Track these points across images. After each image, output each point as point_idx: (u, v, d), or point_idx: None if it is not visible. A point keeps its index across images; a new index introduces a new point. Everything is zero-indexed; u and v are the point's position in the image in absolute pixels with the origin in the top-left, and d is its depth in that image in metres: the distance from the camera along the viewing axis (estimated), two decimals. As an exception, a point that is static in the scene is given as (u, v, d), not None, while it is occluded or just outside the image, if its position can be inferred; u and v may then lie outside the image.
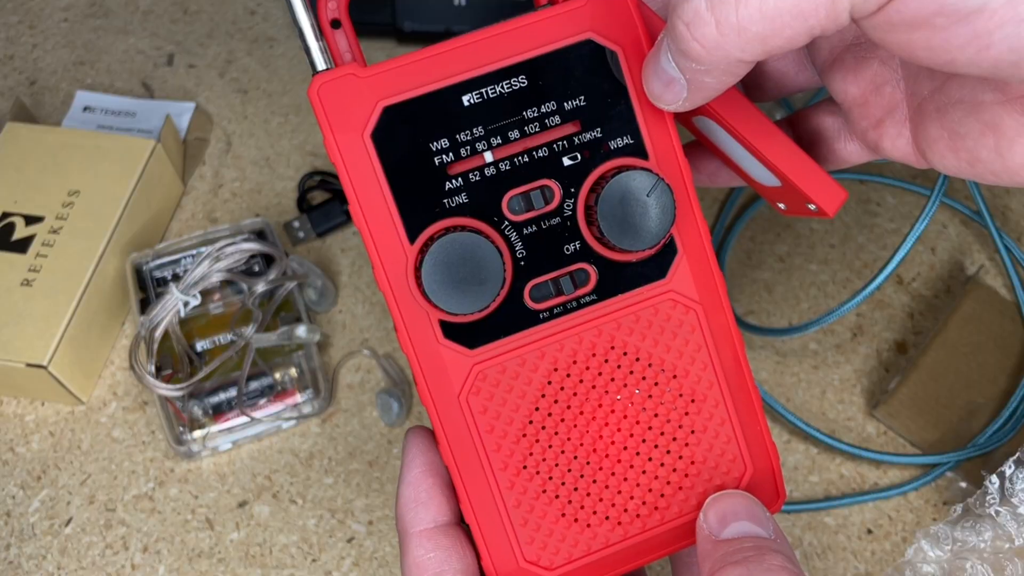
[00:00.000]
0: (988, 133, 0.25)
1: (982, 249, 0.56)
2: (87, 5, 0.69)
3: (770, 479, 0.30)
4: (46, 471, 0.50)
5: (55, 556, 0.48)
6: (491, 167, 0.28)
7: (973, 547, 0.44)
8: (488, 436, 0.28)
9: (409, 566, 0.28)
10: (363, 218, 0.27)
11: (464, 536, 0.29)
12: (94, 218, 0.52)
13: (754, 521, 0.27)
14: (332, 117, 0.27)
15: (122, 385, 0.53)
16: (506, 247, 0.28)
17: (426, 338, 0.28)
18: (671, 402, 0.29)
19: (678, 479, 0.29)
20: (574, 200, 0.28)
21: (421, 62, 0.27)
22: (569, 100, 0.28)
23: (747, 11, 0.22)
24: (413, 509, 0.29)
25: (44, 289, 0.50)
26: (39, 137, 0.56)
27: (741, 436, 0.29)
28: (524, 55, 0.27)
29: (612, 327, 0.29)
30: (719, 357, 0.29)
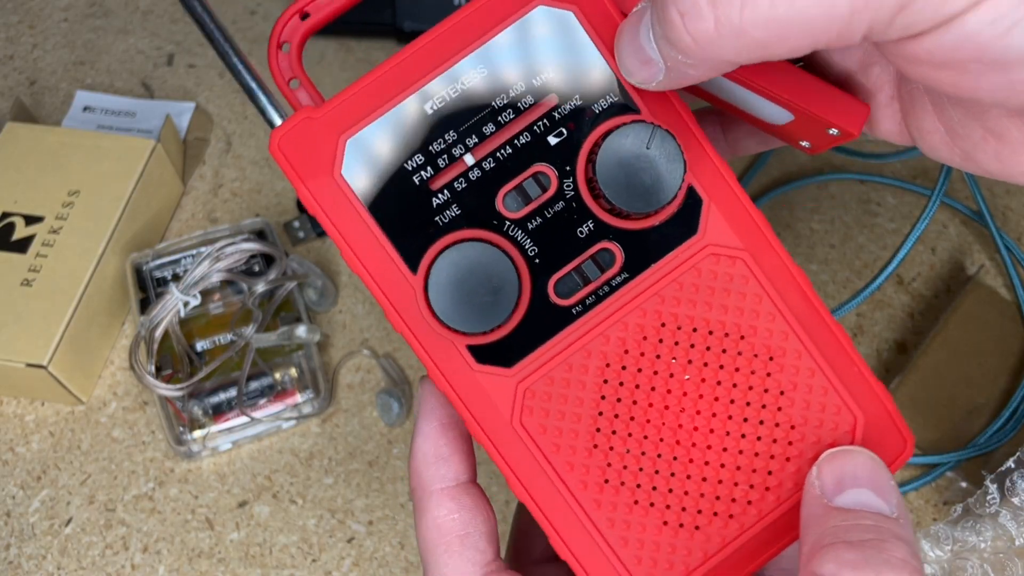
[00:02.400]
0: (990, 139, 0.24)
1: (982, 249, 0.56)
2: (87, 5, 0.69)
3: (888, 423, 0.26)
4: (46, 471, 0.50)
5: (55, 556, 0.48)
6: (474, 170, 0.26)
7: (973, 547, 0.44)
8: (556, 457, 0.25)
9: (428, 528, 0.26)
10: (358, 262, 0.25)
11: (485, 496, 0.27)
12: (94, 218, 0.52)
13: (878, 492, 0.23)
14: (299, 167, 0.25)
15: (122, 385, 0.53)
16: (514, 248, 0.26)
17: (460, 370, 0.25)
18: (747, 366, 0.26)
19: (782, 450, 0.26)
20: (572, 178, 0.26)
21: (374, 83, 0.26)
22: (537, 76, 0.26)
23: (753, 14, 0.20)
24: (433, 465, 0.26)
25: (44, 289, 0.50)
26: (39, 137, 0.56)
27: (838, 382, 0.26)
28: (476, 44, 0.26)
29: (656, 303, 0.26)
30: (784, 301, 0.26)
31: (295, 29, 0.27)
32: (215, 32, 0.26)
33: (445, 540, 0.26)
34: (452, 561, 0.25)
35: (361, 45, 0.66)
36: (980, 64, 0.19)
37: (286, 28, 0.27)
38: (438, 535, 0.26)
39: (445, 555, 0.25)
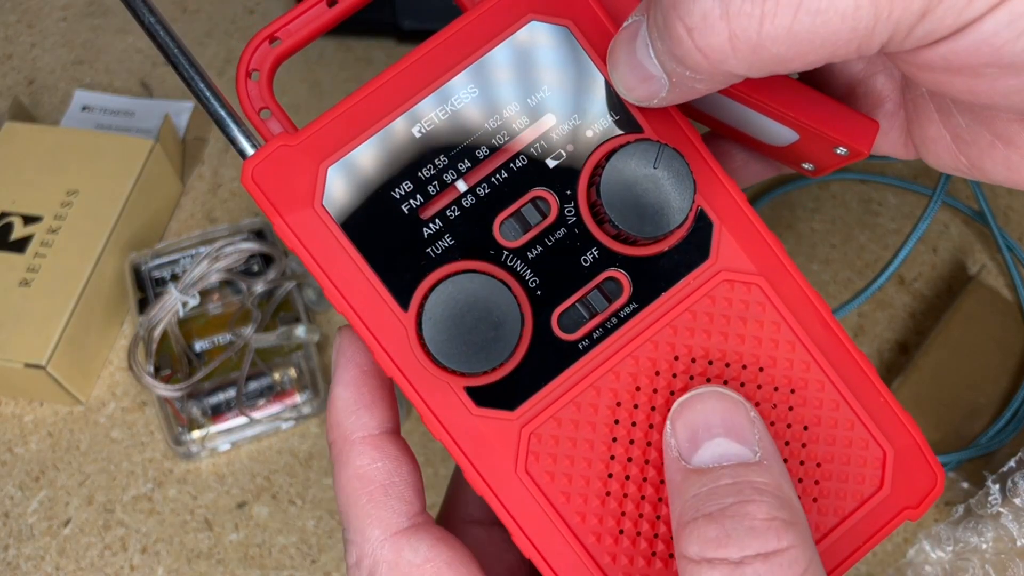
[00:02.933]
0: (998, 145, 0.23)
1: (984, 249, 0.56)
2: (85, 4, 0.69)
3: (918, 456, 0.25)
4: (44, 472, 0.50)
5: (53, 557, 0.47)
6: (468, 196, 0.24)
7: (975, 548, 0.44)
8: (566, 507, 0.23)
9: (348, 479, 0.24)
10: (343, 300, 0.23)
11: (408, 447, 0.25)
12: (93, 218, 0.52)
13: (735, 436, 0.22)
14: (275, 198, 0.23)
15: (121, 385, 0.53)
16: (514, 279, 0.24)
17: (457, 415, 0.24)
18: (768, 400, 0.24)
19: (809, 490, 0.24)
20: (574, 203, 0.24)
21: (356, 106, 0.24)
22: (532, 95, 0.24)
23: (773, 29, 0.18)
24: (354, 413, 0.24)
25: (42, 289, 0.50)
26: (37, 136, 0.56)
27: (864, 415, 0.24)
28: (466, 63, 0.24)
29: (668, 335, 0.24)
30: (804, 329, 0.24)
31: (265, 56, 0.25)
32: (179, 57, 0.25)
33: (368, 490, 0.24)
34: (376, 512, 0.24)
35: (360, 43, 0.66)
36: (996, 68, 0.18)
37: (255, 55, 0.25)
38: (360, 485, 0.24)
39: (368, 505, 0.24)
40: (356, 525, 0.24)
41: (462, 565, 0.23)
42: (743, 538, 0.20)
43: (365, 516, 0.24)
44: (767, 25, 0.18)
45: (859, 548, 0.24)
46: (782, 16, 0.18)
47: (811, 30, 0.18)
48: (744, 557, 0.20)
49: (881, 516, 0.24)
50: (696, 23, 0.19)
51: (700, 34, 0.19)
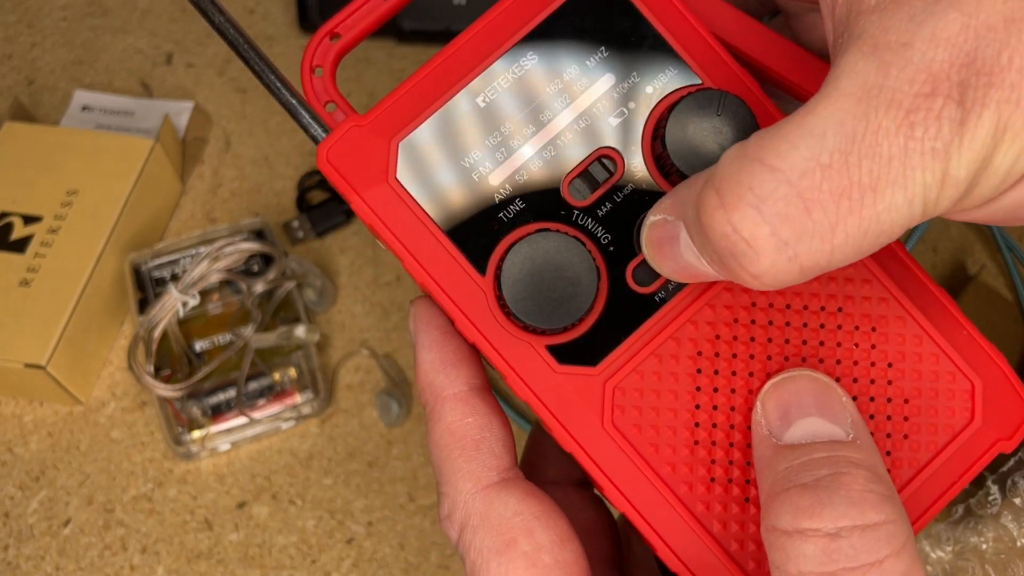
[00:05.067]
0: None
1: (984, 249, 0.56)
2: (85, 4, 0.69)
3: (1006, 386, 0.24)
4: (44, 472, 0.50)
5: (53, 557, 0.47)
6: (535, 159, 0.25)
7: (975, 548, 0.44)
8: (656, 458, 0.24)
9: (441, 434, 0.24)
10: (423, 270, 0.24)
11: (498, 403, 0.26)
12: (93, 218, 0.52)
13: (828, 416, 0.22)
14: (351, 178, 0.24)
15: (121, 385, 0.53)
16: (587, 237, 0.24)
17: (542, 374, 0.24)
18: (849, 339, 0.24)
19: (899, 426, 0.24)
20: (640, 157, 0.25)
21: (419, 83, 0.25)
22: (590, 57, 0.25)
23: (838, 258, 0.19)
24: (442, 371, 0.25)
25: (42, 289, 0.50)
26: (37, 136, 0.56)
27: (949, 347, 0.24)
28: (522, 31, 0.25)
29: None
30: (880, 266, 0.24)
31: (327, 51, 0.26)
32: (249, 52, 0.25)
33: (460, 444, 0.24)
34: (468, 465, 0.24)
35: (360, 44, 0.66)
36: None
37: (317, 51, 0.26)
38: (452, 440, 0.24)
39: (460, 459, 0.24)
40: (449, 478, 0.24)
41: (550, 518, 0.24)
42: (839, 507, 0.19)
43: (457, 470, 0.24)
44: (836, 254, 0.19)
45: (955, 482, 0.24)
46: (852, 241, 0.18)
47: (874, 243, 0.19)
48: (840, 528, 0.19)
49: (975, 448, 0.24)
50: (764, 271, 0.19)
51: (771, 277, 0.19)
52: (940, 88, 0.18)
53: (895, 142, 0.18)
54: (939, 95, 0.18)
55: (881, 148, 0.18)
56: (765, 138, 0.19)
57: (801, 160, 0.18)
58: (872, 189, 0.18)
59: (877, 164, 0.18)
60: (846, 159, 0.18)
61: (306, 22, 0.64)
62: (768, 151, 0.18)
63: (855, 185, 0.18)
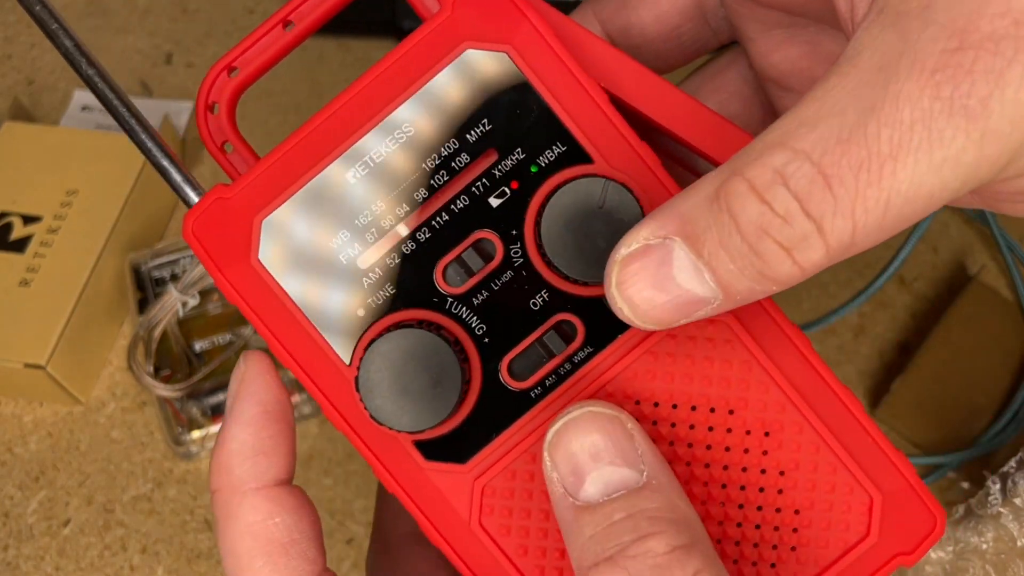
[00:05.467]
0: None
1: (984, 249, 0.56)
2: (85, 4, 0.69)
3: (912, 500, 0.23)
4: (44, 472, 0.50)
5: (53, 557, 0.47)
6: (408, 242, 0.23)
7: (975, 548, 0.44)
8: (524, 560, 0.23)
9: (240, 536, 0.21)
10: (288, 356, 0.23)
11: (307, 497, 0.23)
12: (92, 218, 0.52)
13: (619, 459, 0.20)
14: (214, 253, 0.23)
15: (120, 386, 0.53)
16: (459, 327, 0.23)
17: (408, 469, 0.23)
18: (739, 445, 0.23)
19: (786, 538, 0.23)
20: (520, 243, 0.23)
21: (288, 153, 0.23)
22: (471, 129, 0.23)
23: (864, 231, 0.18)
24: (251, 458, 0.22)
25: (42, 289, 0.50)
26: (37, 136, 0.56)
27: (848, 457, 0.23)
28: (400, 100, 0.23)
29: (628, 378, 0.23)
30: (778, 367, 0.23)
31: (223, 87, 0.24)
32: (118, 106, 0.24)
33: (265, 550, 0.21)
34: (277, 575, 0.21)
35: (360, 44, 0.66)
36: None
37: (213, 87, 0.24)
38: (255, 544, 0.21)
39: (266, 568, 0.21)
40: None
41: None
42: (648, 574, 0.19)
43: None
44: (859, 231, 0.18)
45: None
46: (873, 216, 0.17)
47: (899, 217, 0.18)
48: None
49: (869, 564, 0.23)
50: (797, 244, 0.18)
51: (801, 253, 0.18)
52: (969, 40, 0.16)
53: (918, 105, 0.17)
54: (969, 48, 0.16)
55: (902, 114, 0.17)
56: (784, 123, 0.18)
57: (821, 140, 0.17)
58: (892, 158, 0.17)
59: (898, 131, 0.17)
60: (864, 131, 0.17)
61: (306, 22, 0.64)
62: (789, 135, 0.18)
63: (874, 156, 0.17)
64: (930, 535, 0.23)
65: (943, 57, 0.17)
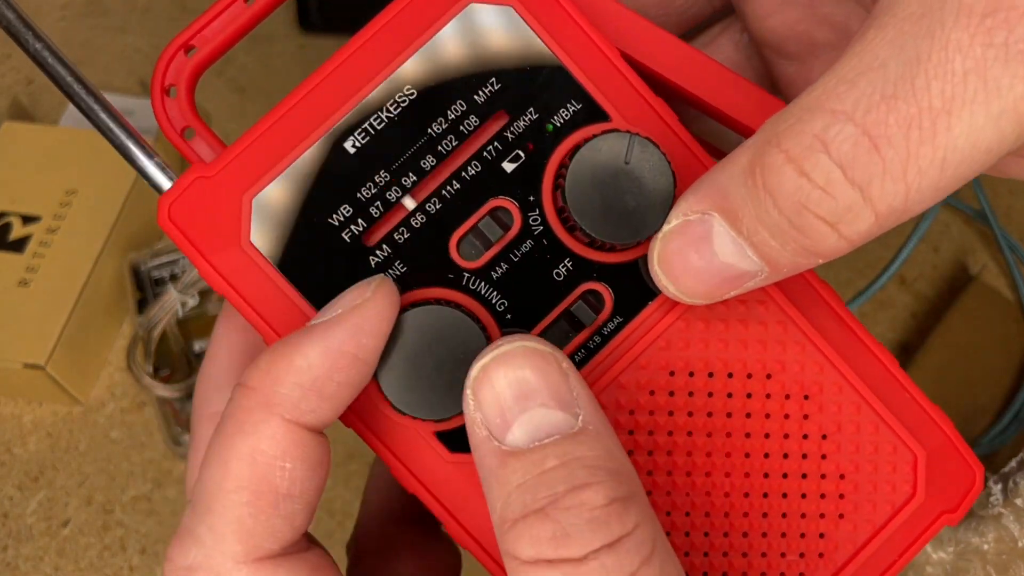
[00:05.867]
0: None
1: (985, 249, 0.56)
2: (85, 3, 0.69)
3: (952, 453, 0.22)
4: (43, 472, 0.50)
5: (52, 557, 0.47)
6: (417, 215, 0.21)
7: (976, 548, 0.44)
8: None
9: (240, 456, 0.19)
10: None
11: (329, 456, 0.21)
12: (92, 218, 0.52)
13: (552, 400, 0.18)
14: (198, 240, 0.20)
15: (120, 386, 0.53)
16: (479, 305, 0.21)
17: (431, 464, 0.21)
18: (779, 410, 0.22)
19: (833, 506, 0.22)
20: (539, 209, 0.21)
21: (279, 122, 0.21)
22: (479, 90, 0.21)
23: (919, 194, 0.16)
24: (309, 390, 0.19)
25: (41, 289, 0.50)
26: (36, 136, 0.56)
27: (889, 415, 0.22)
28: (400, 60, 0.21)
29: (660, 349, 0.21)
30: (814, 326, 0.22)
31: (181, 68, 0.22)
32: (75, 87, 0.21)
33: (257, 489, 0.19)
34: (252, 522, 0.19)
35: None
36: None
37: (170, 69, 0.22)
38: (251, 475, 0.19)
39: (245, 508, 0.19)
40: (217, 520, 0.19)
41: None
42: (584, 533, 0.17)
43: (234, 519, 0.19)
44: (913, 194, 0.17)
45: (895, 562, 0.22)
46: (928, 178, 0.16)
47: (956, 176, 0.17)
48: (588, 553, 0.17)
49: (917, 524, 0.22)
50: (841, 216, 0.17)
51: (847, 225, 0.17)
52: None
53: (970, 54, 0.16)
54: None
55: (953, 64, 0.16)
56: (822, 82, 0.17)
57: (863, 96, 0.16)
58: (946, 112, 0.16)
59: (950, 83, 0.16)
60: (912, 84, 0.16)
61: (306, 22, 0.64)
62: (826, 96, 0.17)
63: (925, 111, 0.16)
64: (971, 490, 0.22)
65: (994, 1, 0.16)
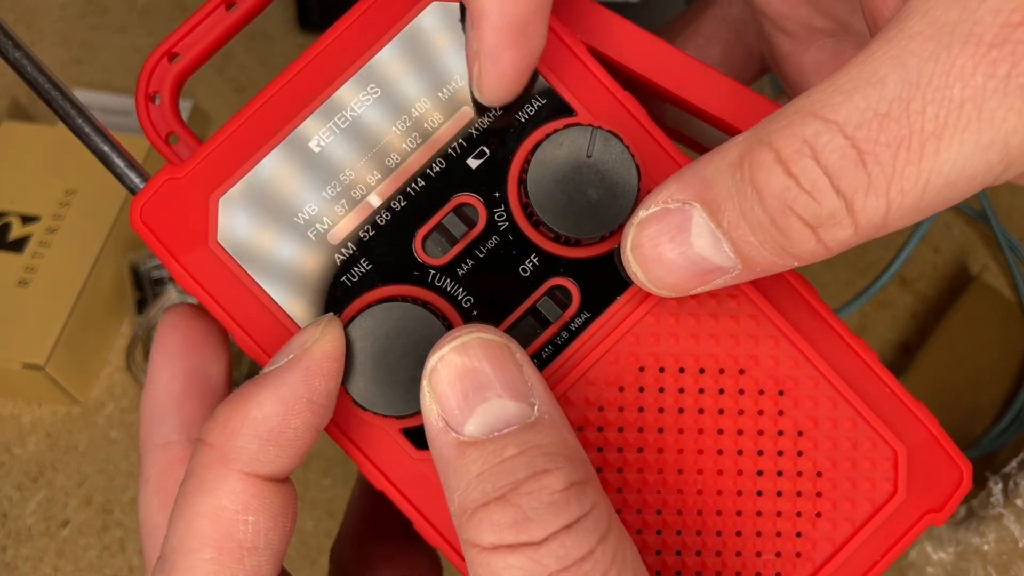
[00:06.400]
0: None
1: (986, 249, 0.56)
2: (84, 3, 0.69)
3: (936, 451, 0.22)
4: (43, 472, 0.50)
5: (52, 558, 0.47)
6: (382, 212, 0.21)
7: (977, 549, 0.44)
8: None
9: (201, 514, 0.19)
10: (255, 347, 0.21)
11: (295, 501, 0.21)
12: (91, 218, 0.52)
13: (509, 390, 0.18)
14: (168, 240, 0.21)
15: (119, 386, 0.52)
16: (444, 301, 0.21)
17: (398, 461, 0.21)
18: (752, 406, 0.21)
19: (810, 504, 0.21)
20: (504, 205, 0.21)
21: (244, 125, 0.21)
22: (444, 87, 0.21)
23: (899, 212, 0.17)
24: (267, 439, 0.19)
25: (41, 289, 0.50)
26: (36, 136, 0.55)
27: (867, 411, 0.21)
28: (364, 59, 0.21)
29: (629, 344, 0.21)
30: (787, 320, 0.21)
31: (164, 75, 0.23)
32: (51, 90, 0.22)
33: (221, 545, 0.19)
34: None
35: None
36: None
37: (154, 76, 0.23)
38: (213, 532, 0.19)
39: (211, 564, 0.19)
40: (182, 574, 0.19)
41: None
42: (546, 516, 0.17)
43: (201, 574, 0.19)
44: (893, 212, 0.17)
45: (878, 561, 0.22)
46: (910, 198, 0.16)
47: (938, 199, 0.17)
48: (548, 535, 0.17)
49: (900, 523, 0.22)
50: (823, 221, 0.17)
51: (827, 231, 0.17)
52: None
53: (970, 83, 0.16)
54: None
55: (952, 91, 0.16)
56: (818, 91, 0.17)
57: (856, 111, 0.16)
58: (936, 137, 0.16)
59: (945, 109, 0.16)
60: (907, 106, 0.16)
61: (306, 22, 0.64)
62: (821, 104, 0.17)
63: (915, 134, 0.16)
64: (957, 489, 0.22)
65: (1003, 31, 0.16)
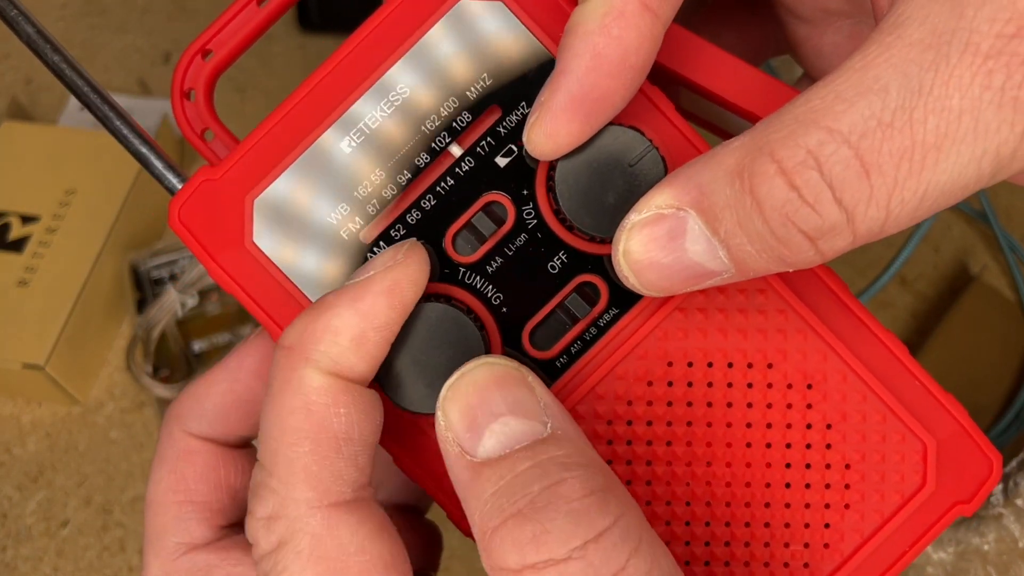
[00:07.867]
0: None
1: (986, 249, 0.56)
2: (84, 3, 0.69)
3: (967, 444, 0.22)
4: (43, 472, 0.50)
5: (51, 558, 0.47)
6: (413, 212, 0.22)
7: (977, 549, 0.44)
8: None
9: (293, 409, 0.19)
10: None
11: (380, 402, 0.21)
12: (91, 218, 0.52)
13: (519, 411, 0.18)
14: (205, 240, 0.22)
15: (119, 386, 0.52)
16: (475, 299, 0.22)
17: (435, 456, 0.21)
18: (781, 400, 0.22)
19: (838, 496, 0.22)
20: (533, 203, 0.22)
21: (277, 127, 0.22)
22: (472, 86, 0.22)
23: (895, 222, 0.17)
24: (354, 344, 0.19)
25: (41, 289, 0.50)
26: (35, 136, 0.55)
27: (897, 403, 0.22)
28: (393, 58, 0.22)
29: (658, 339, 0.22)
30: (816, 313, 0.22)
31: (199, 72, 0.23)
32: (89, 93, 0.22)
33: (317, 436, 0.19)
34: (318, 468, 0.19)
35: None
36: None
37: (188, 73, 0.23)
38: (307, 424, 0.19)
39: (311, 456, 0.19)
40: (286, 471, 0.19)
41: (398, 567, 0.19)
42: (565, 528, 0.17)
43: (301, 468, 0.19)
44: (890, 221, 0.17)
45: (906, 552, 0.22)
46: (908, 207, 0.17)
47: (932, 207, 0.17)
48: (572, 550, 0.17)
49: (928, 514, 0.22)
50: (824, 233, 0.17)
51: (827, 241, 0.17)
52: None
53: (968, 94, 0.16)
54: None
55: (951, 101, 0.16)
56: (818, 93, 0.17)
57: (860, 120, 0.16)
58: (936, 148, 0.16)
59: (945, 120, 0.16)
60: (910, 116, 0.16)
61: (306, 22, 0.64)
62: (823, 112, 0.17)
63: (917, 145, 0.16)
64: (987, 480, 0.22)
65: (998, 42, 0.16)
